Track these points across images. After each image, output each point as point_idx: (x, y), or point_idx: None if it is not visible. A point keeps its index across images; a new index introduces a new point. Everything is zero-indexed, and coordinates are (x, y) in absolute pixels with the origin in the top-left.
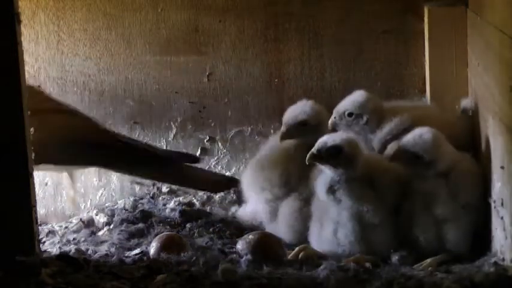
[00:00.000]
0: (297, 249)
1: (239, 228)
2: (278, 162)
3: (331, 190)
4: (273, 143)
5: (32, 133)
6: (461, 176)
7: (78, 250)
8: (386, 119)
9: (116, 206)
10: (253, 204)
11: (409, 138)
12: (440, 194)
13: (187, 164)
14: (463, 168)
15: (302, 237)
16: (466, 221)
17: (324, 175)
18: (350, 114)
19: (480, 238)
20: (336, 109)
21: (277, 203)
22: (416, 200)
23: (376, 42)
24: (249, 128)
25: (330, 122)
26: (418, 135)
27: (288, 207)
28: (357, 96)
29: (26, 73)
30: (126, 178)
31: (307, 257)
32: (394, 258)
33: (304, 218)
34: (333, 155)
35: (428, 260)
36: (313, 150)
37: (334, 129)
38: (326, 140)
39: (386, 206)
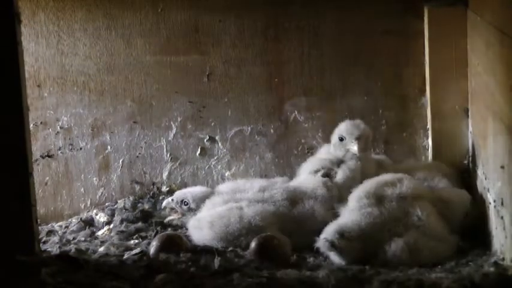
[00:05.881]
0: None
1: None
2: None
3: None
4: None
5: None
6: None
7: (78, 250)
8: None
9: (115, 206)
10: None
11: None
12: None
13: None
14: None
15: None
16: None
17: None
18: None
19: (480, 238)
20: None
21: None
22: None
23: (376, 42)
24: (249, 128)
25: None
26: None
27: None
28: None
29: (26, 73)
30: (126, 178)
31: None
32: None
33: None
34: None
35: None
36: None
37: None
38: None
39: None
